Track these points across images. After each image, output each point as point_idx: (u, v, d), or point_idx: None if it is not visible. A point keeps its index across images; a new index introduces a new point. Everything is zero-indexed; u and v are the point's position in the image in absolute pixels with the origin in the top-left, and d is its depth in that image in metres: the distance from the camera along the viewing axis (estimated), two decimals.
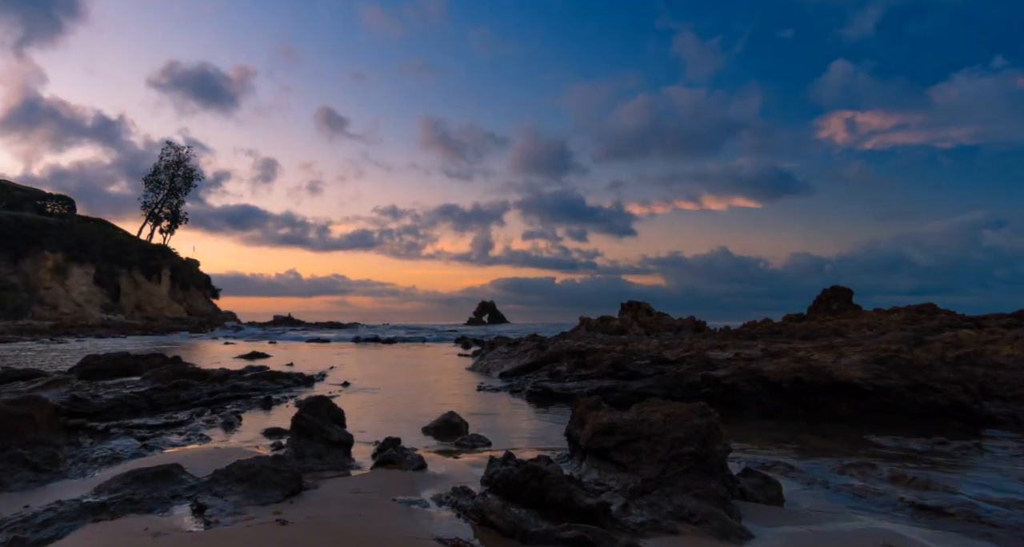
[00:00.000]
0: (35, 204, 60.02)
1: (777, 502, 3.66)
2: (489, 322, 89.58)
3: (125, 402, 6.71)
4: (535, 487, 3.06)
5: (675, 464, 3.44)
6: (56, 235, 53.97)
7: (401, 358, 19.30)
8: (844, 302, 22.53)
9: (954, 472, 4.60)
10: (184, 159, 70.52)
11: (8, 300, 45.99)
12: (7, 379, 8.59)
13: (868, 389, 6.86)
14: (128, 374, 9.63)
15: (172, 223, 70.76)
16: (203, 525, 2.88)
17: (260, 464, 3.48)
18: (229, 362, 15.58)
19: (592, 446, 3.94)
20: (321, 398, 4.98)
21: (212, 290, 73.79)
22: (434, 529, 2.91)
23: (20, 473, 3.93)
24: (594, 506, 2.94)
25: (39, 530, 2.78)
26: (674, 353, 9.67)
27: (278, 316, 72.99)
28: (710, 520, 3.05)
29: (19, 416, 4.39)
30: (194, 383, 8.08)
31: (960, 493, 3.95)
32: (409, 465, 4.33)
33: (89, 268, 55.55)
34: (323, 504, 3.25)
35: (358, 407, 7.93)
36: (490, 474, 3.44)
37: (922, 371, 6.86)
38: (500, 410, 8.10)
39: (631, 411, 4.01)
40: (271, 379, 9.73)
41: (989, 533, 3.25)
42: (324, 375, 12.01)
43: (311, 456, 4.33)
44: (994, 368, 7.54)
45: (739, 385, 7.55)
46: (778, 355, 8.26)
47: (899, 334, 11.26)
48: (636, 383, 8.36)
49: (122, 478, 3.45)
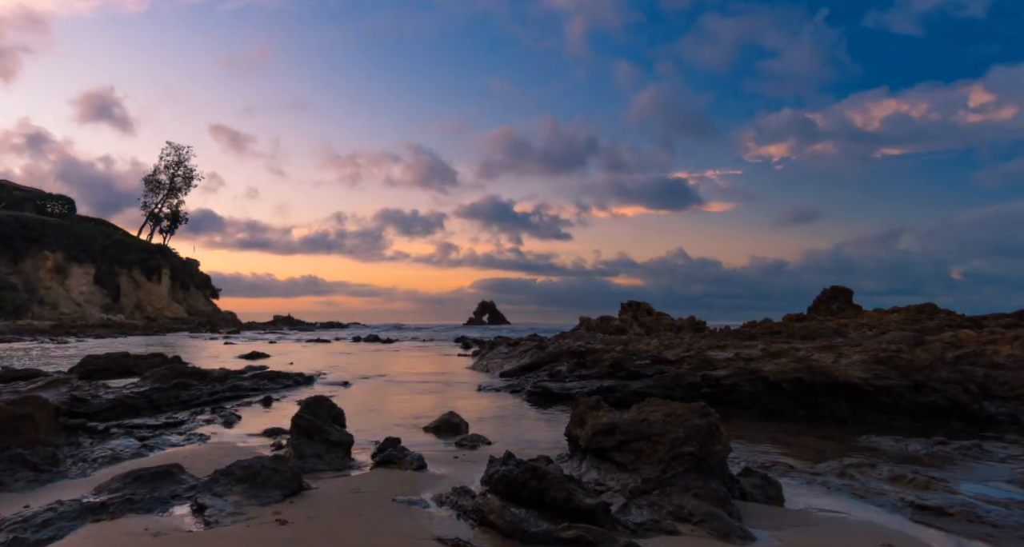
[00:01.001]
0: (35, 204, 60.02)
1: (777, 502, 3.66)
2: (489, 322, 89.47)
3: (125, 402, 6.71)
4: (535, 487, 3.06)
5: (675, 464, 3.44)
6: (56, 235, 53.96)
7: (401, 358, 19.30)
8: (844, 302, 22.52)
9: (954, 472, 4.60)
10: (184, 159, 70.60)
11: (8, 300, 45.97)
12: (7, 379, 8.59)
13: (868, 389, 6.86)
14: (128, 374, 9.64)
15: (172, 223, 70.79)
16: (203, 525, 2.88)
17: (260, 464, 3.48)
18: (229, 362, 15.58)
19: (592, 446, 3.94)
20: (321, 398, 4.98)
21: (212, 290, 73.79)
22: (434, 529, 2.91)
23: (20, 473, 3.93)
24: (594, 506, 2.93)
25: (39, 530, 2.78)
26: (674, 353, 9.67)
27: (278, 316, 73.11)
28: (710, 520, 3.05)
29: (19, 416, 4.39)
30: (194, 383, 8.08)
31: (960, 493, 3.95)
32: (409, 465, 4.33)
33: (89, 268, 55.54)
34: (323, 504, 3.25)
35: (358, 407, 7.93)
36: (490, 474, 3.44)
37: (922, 371, 6.86)
38: (500, 410, 8.10)
39: (631, 411, 4.01)
40: (271, 379, 9.73)
41: (989, 533, 3.25)
42: (324, 375, 12.00)
43: (311, 456, 4.32)
44: (994, 368, 7.54)
45: (739, 385, 7.55)
46: (778, 355, 8.26)
47: (899, 334, 11.26)
48: (636, 383, 8.36)
49: (122, 478, 3.45)
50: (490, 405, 8.56)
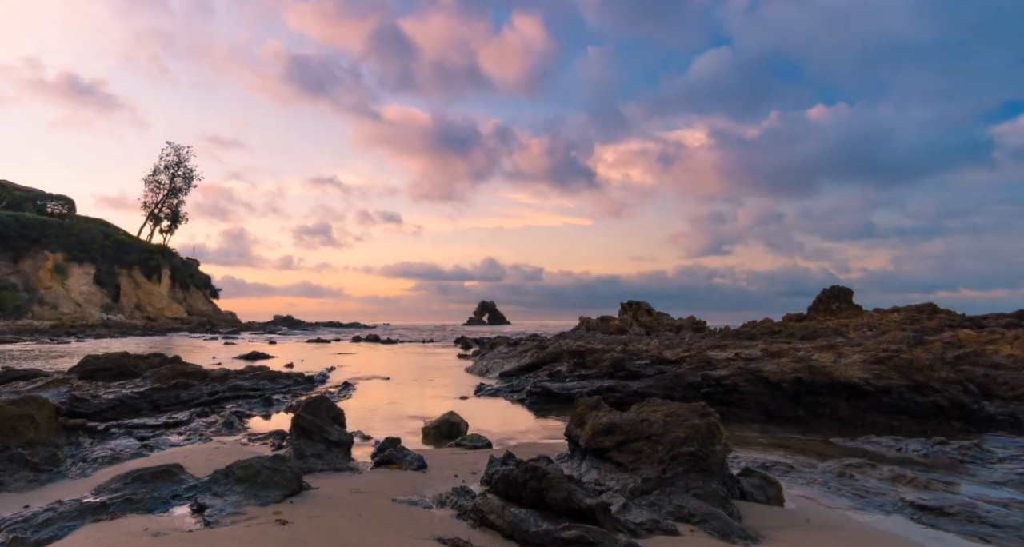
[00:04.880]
0: (35, 204, 60.04)
1: (777, 502, 3.65)
2: (489, 322, 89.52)
3: (125, 402, 6.71)
4: (535, 487, 3.06)
5: (675, 464, 3.44)
6: (56, 235, 53.97)
7: (401, 358, 19.30)
8: (844, 302, 22.52)
9: (954, 472, 4.60)
10: (184, 159, 70.60)
11: (8, 300, 45.97)
12: (7, 379, 8.59)
13: (868, 389, 6.86)
14: (128, 374, 9.63)
15: (172, 223, 70.77)
16: (203, 525, 2.88)
17: (260, 464, 3.47)
18: (229, 362, 15.58)
19: (592, 446, 3.94)
20: (321, 398, 4.98)
21: (212, 290, 73.77)
22: (434, 529, 2.91)
23: (20, 473, 3.93)
24: (594, 506, 2.93)
25: (39, 530, 2.78)
26: (674, 353, 9.67)
27: (278, 316, 73.16)
28: (710, 520, 3.05)
29: (19, 416, 4.39)
30: (194, 383, 8.08)
31: (960, 493, 3.95)
32: (409, 465, 4.33)
33: (89, 268, 55.54)
34: (323, 504, 3.25)
35: (358, 407, 7.93)
36: (490, 474, 3.44)
37: (922, 371, 6.86)
38: (500, 410, 8.10)
39: (631, 411, 4.01)
40: (271, 379, 9.73)
41: (989, 533, 3.25)
42: (324, 375, 12.00)
43: (311, 456, 4.32)
44: (994, 368, 7.54)
45: (739, 385, 7.55)
46: (778, 355, 8.26)
47: (899, 334, 11.26)
48: (636, 383, 8.36)
49: (122, 478, 3.45)
50: (490, 405, 8.56)
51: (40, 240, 52.73)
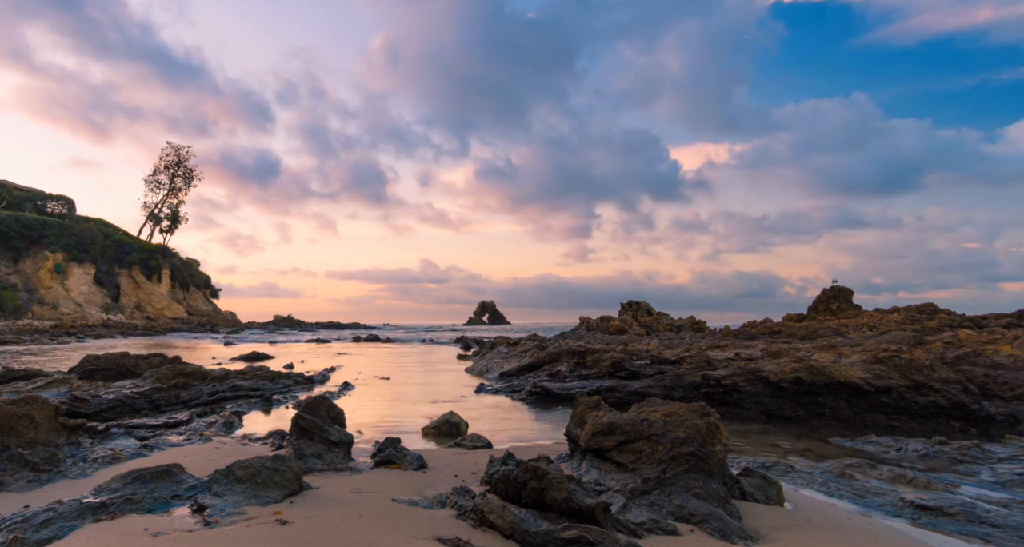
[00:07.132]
0: (35, 204, 60.05)
1: (777, 502, 3.65)
2: (489, 322, 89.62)
3: (125, 402, 6.71)
4: (535, 487, 3.06)
5: (675, 464, 3.44)
6: (56, 235, 53.98)
7: (401, 358, 19.29)
8: (844, 302, 22.54)
9: (954, 472, 4.60)
10: (184, 159, 70.60)
11: (8, 300, 45.97)
12: (7, 379, 8.60)
13: (868, 389, 6.86)
14: (128, 374, 9.63)
15: (172, 223, 70.79)
16: (203, 525, 2.88)
17: (260, 464, 3.47)
18: (229, 362, 15.59)
19: (592, 446, 3.94)
20: (321, 398, 4.98)
21: (212, 290, 73.78)
22: (434, 529, 2.90)
23: (20, 473, 3.93)
24: (594, 506, 2.93)
25: (39, 530, 2.78)
26: (674, 353, 9.67)
27: (278, 316, 73.14)
28: (710, 520, 3.05)
29: (19, 416, 4.39)
30: (194, 383, 8.08)
31: (960, 493, 3.95)
32: (409, 465, 4.33)
33: (89, 268, 55.55)
34: (323, 504, 3.25)
35: (358, 407, 7.94)
36: (490, 474, 3.44)
37: (922, 371, 6.86)
38: (500, 410, 8.10)
39: (631, 411, 4.01)
40: (271, 379, 9.73)
41: (989, 533, 3.25)
42: (324, 375, 12.00)
43: (311, 456, 4.32)
44: (994, 368, 7.54)
45: (739, 385, 7.55)
46: (778, 355, 8.27)
47: (899, 334, 11.26)
48: (636, 383, 8.36)
49: (122, 478, 3.44)
50: (490, 405, 8.56)
51: (40, 240, 52.74)
